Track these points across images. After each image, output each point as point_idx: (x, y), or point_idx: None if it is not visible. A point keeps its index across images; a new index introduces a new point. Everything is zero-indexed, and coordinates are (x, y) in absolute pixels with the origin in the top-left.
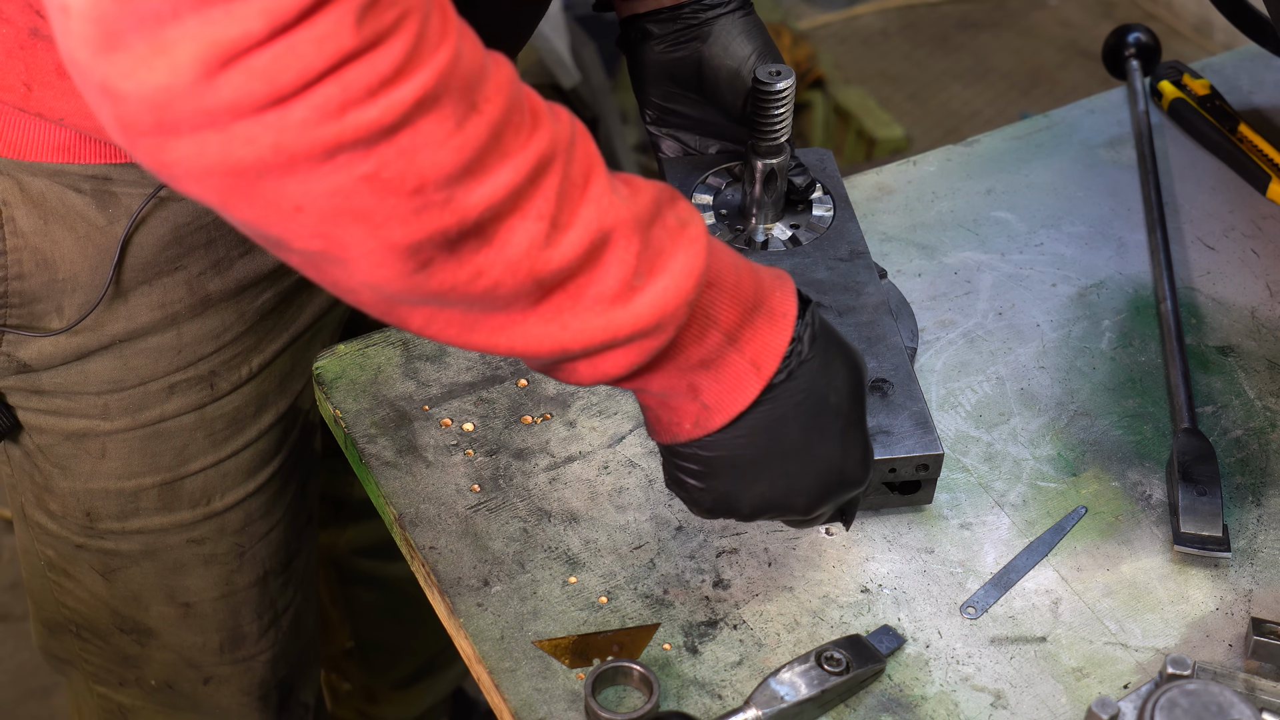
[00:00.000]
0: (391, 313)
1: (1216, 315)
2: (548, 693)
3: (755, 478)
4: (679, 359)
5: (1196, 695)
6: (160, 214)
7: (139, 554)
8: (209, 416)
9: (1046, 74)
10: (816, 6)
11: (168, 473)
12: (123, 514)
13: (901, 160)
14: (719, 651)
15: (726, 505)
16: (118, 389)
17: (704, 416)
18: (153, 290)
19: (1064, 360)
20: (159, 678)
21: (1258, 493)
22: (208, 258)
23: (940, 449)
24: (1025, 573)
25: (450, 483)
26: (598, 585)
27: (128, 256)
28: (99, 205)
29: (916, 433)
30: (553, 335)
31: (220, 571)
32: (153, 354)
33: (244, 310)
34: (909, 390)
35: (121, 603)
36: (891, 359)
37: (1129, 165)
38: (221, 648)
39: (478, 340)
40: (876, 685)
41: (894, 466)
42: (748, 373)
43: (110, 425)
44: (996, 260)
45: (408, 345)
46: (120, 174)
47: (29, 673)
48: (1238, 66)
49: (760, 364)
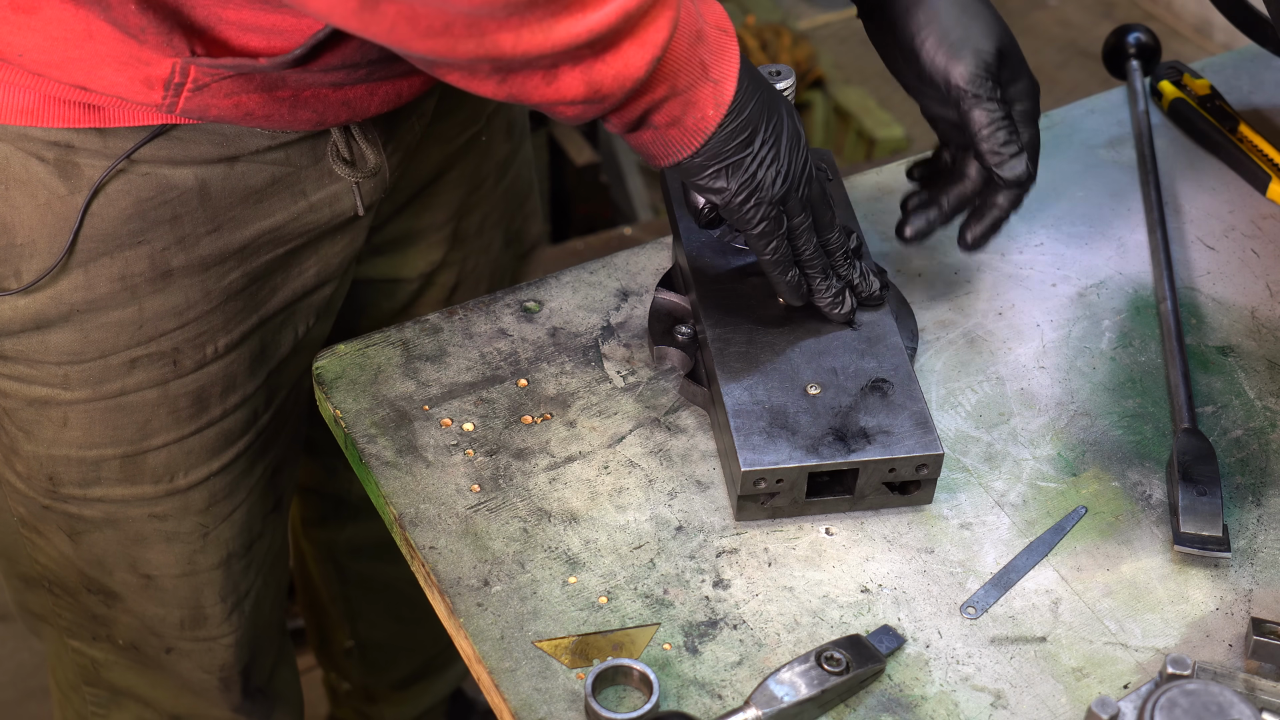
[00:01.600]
0: (484, 39)
1: (1216, 315)
2: (548, 693)
3: (759, 143)
4: (683, 30)
5: (1196, 695)
6: (122, 185)
7: (101, 521)
8: (172, 393)
9: (1046, 74)
10: (816, 6)
11: (129, 446)
12: (84, 482)
13: (901, 160)
14: (719, 651)
15: (753, 183)
16: (77, 360)
17: (718, 92)
18: (113, 262)
19: (1064, 360)
20: (125, 638)
21: (1258, 493)
22: (172, 233)
23: (940, 449)
24: (1025, 573)
25: (450, 483)
26: (598, 585)
27: (86, 226)
28: (61, 175)
29: (916, 433)
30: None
31: (183, 550)
32: (113, 328)
33: (209, 289)
34: (909, 390)
35: (87, 565)
36: (891, 359)
37: (1129, 165)
38: (183, 624)
39: (555, 38)
40: (876, 685)
41: (894, 466)
42: (724, 38)
43: (71, 395)
44: (996, 260)
45: (408, 345)
46: (83, 141)
47: (29, 673)
48: (1238, 66)
49: (724, 27)
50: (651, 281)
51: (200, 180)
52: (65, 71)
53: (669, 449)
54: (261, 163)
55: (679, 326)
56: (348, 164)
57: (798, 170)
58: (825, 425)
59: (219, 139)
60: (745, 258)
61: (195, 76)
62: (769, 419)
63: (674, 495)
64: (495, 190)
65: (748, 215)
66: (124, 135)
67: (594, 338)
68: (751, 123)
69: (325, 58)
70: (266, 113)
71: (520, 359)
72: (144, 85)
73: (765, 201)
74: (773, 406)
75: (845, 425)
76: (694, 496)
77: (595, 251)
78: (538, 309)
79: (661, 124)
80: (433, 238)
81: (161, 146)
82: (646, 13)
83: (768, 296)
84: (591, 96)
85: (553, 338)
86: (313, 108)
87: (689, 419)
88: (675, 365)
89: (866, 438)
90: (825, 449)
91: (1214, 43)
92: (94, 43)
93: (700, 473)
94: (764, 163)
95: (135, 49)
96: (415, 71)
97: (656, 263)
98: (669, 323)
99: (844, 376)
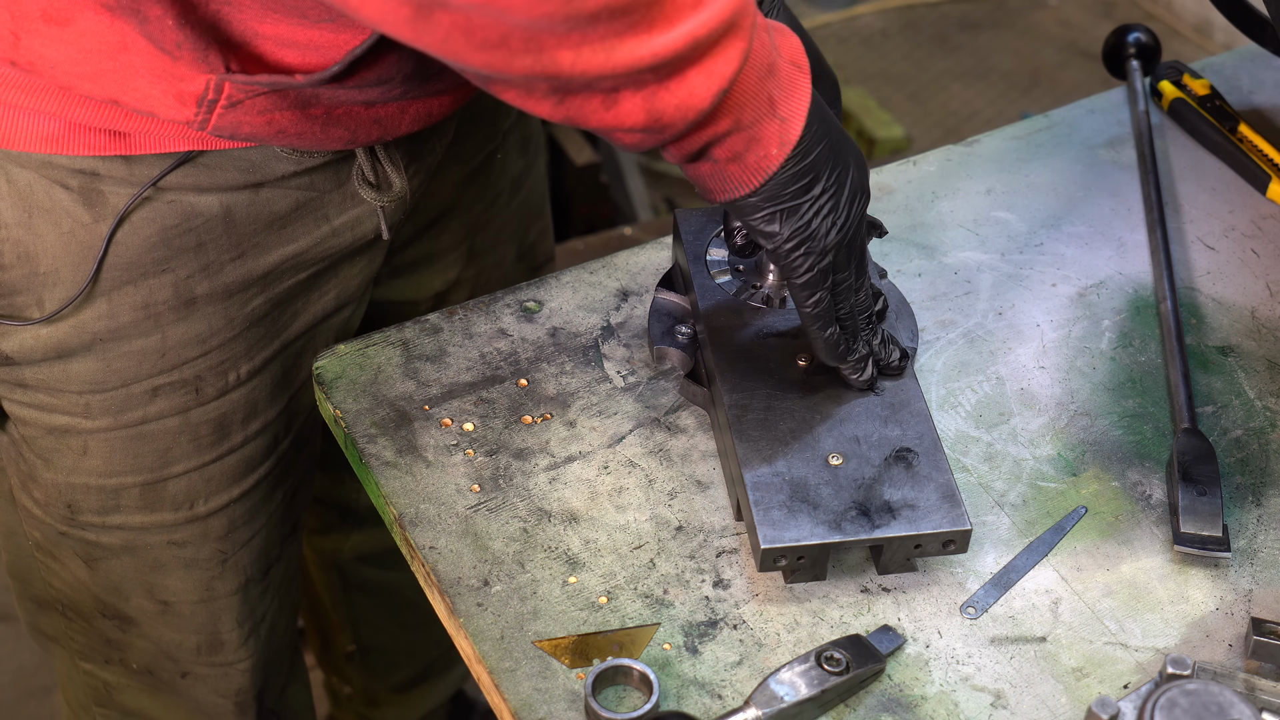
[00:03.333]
0: (542, 55)
1: (1216, 315)
2: (548, 693)
3: (820, 190)
4: (754, 63)
5: (1196, 695)
6: (147, 214)
7: (119, 548)
8: (194, 421)
9: (1046, 74)
10: (816, 6)
11: (150, 474)
12: (103, 509)
13: (901, 160)
14: (719, 651)
15: (806, 232)
16: (99, 389)
17: (784, 131)
18: (137, 291)
19: (1064, 360)
20: (140, 663)
21: (1258, 493)
22: (196, 261)
23: (968, 524)
24: (1025, 573)
25: (450, 483)
26: (598, 585)
27: (111, 255)
28: (85, 203)
29: (943, 506)
30: (663, 43)
31: (201, 577)
32: (135, 356)
33: (233, 316)
34: (934, 460)
35: (103, 590)
36: (916, 426)
37: (1129, 165)
38: (199, 649)
39: (617, 59)
40: (876, 685)
41: (919, 542)
42: (796, 74)
43: (92, 424)
44: (996, 260)
45: (408, 345)
46: (108, 169)
47: (29, 673)
48: (1238, 66)
49: (799, 63)
50: (651, 281)
51: (225, 207)
52: (98, 84)
53: (669, 449)
54: (286, 188)
55: (679, 326)
56: (373, 187)
57: (854, 224)
58: (848, 499)
59: (245, 165)
60: (763, 319)
61: (230, 93)
62: (789, 492)
63: (674, 495)
64: (509, 205)
65: (795, 263)
66: (150, 162)
67: (594, 338)
68: (815, 168)
69: (361, 74)
70: (299, 130)
71: (520, 359)
72: (177, 101)
73: (816, 252)
74: (793, 479)
75: (869, 499)
76: (694, 496)
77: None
78: (538, 309)
79: (722, 158)
80: (450, 256)
81: (187, 174)
82: (717, 41)
83: (787, 359)
84: (651, 125)
85: (553, 338)
86: (345, 125)
87: (689, 419)
88: (675, 365)
89: (891, 512)
90: (848, 524)
91: (1214, 43)
92: (128, 54)
93: (700, 473)
94: (821, 211)
95: (170, 64)
96: (446, 91)
97: (656, 263)
98: (669, 323)
99: (867, 445)
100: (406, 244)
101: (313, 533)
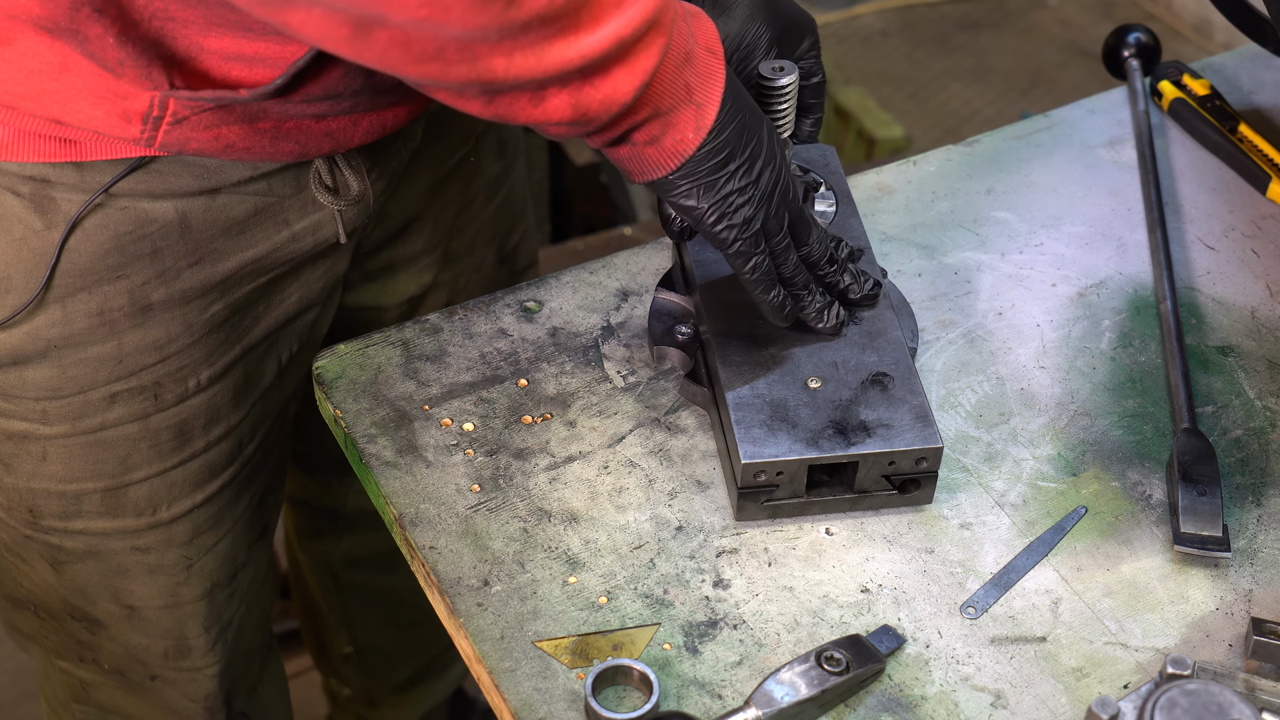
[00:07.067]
0: (477, 63)
1: (1216, 315)
2: (548, 693)
3: (735, 165)
4: (673, 54)
5: (1196, 695)
6: (100, 220)
7: (82, 552)
8: (154, 427)
9: (1046, 74)
10: (816, 6)
11: (111, 479)
12: (65, 514)
13: (901, 160)
14: (719, 651)
15: (726, 204)
16: (55, 396)
17: (700, 115)
18: (91, 298)
19: (1064, 360)
20: (110, 664)
21: (1258, 493)
22: (152, 267)
23: (939, 442)
24: (1025, 573)
25: (450, 483)
26: (598, 585)
27: (64, 262)
28: (37, 209)
29: (916, 426)
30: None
31: (166, 582)
32: (91, 363)
33: (191, 322)
34: (909, 384)
35: (69, 593)
36: (892, 353)
37: (1129, 165)
38: (166, 654)
39: (548, 62)
40: (876, 685)
41: (893, 459)
42: (711, 61)
43: (50, 430)
44: (996, 260)
45: (408, 345)
46: (59, 175)
47: (29, 673)
48: (1238, 66)
49: (714, 49)
50: (651, 281)
51: (181, 213)
52: (40, 105)
53: (669, 449)
54: (243, 194)
55: (679, 326)
56: (330, 191)
57: (769, 190)
58: (825, 418)
59: (199, 171)
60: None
61: (174, 109)
62: (769, 412)
63: (674, 495)
64: (486, 209)
65: (720, 234)
66: (101, 169)
67: (594, 338)
68: (729, 144)
69: (307, 87)
70: (248, 145)
71: (520, 359)
72: (121, 119)
73: (738, 222)
74: (773, 400)
75: (845, 419)
76: (694, 496)
77: (595, 251)
78: (538, 309)
79: (640, 142)
80: (423, 261)
81: (140, 180)
82: (640, 39)
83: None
84: (578, 119)
85: (553, 338)
86: (295, 139)
87: (689, 419)
88: (675, 365)
89: (866, 431)
90: (825, 442)
91: (1214, 43)
92: (70, 76)
93: (700, 473)
94: (737, 184)
95: (112, 83)
96: (400, 103)
97: (656, 263)
98: (669, 323)
99: (844, 370)
100: (377, 249)
101: (305, 537)
